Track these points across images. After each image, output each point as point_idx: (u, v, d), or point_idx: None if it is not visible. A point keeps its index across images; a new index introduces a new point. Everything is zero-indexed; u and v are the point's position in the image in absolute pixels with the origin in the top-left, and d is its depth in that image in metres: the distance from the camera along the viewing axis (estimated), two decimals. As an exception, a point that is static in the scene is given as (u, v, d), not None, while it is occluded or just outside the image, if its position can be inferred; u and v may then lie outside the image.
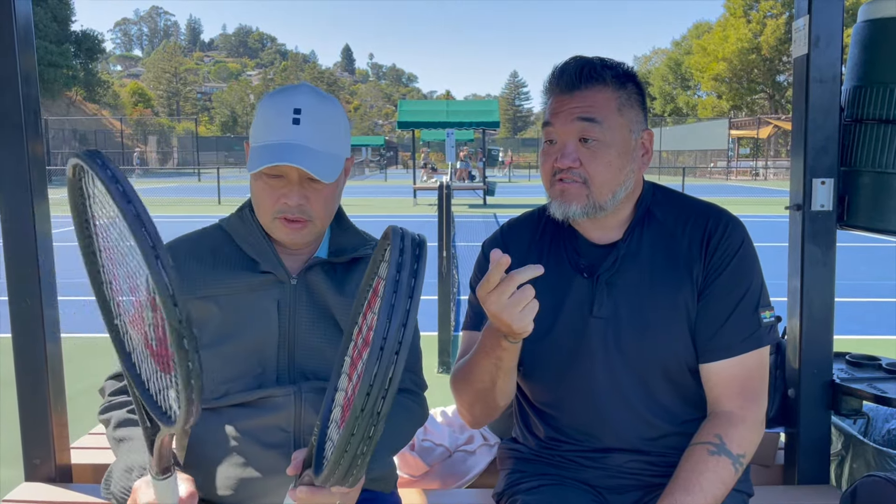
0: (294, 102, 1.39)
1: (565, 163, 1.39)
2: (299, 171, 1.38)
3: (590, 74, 1.39)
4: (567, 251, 1.50)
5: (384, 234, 1.01)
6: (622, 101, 1.40)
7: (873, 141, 1.90)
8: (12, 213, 1.90)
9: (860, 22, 1.96)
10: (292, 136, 1.37)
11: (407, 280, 0.88)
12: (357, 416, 0.84)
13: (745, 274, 1.42)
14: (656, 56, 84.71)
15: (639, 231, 1.47)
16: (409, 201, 21.01)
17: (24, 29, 1.87)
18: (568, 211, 1.41)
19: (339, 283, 1.51)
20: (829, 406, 1.98)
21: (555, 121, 1.41)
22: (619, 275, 1.44)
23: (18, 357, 1.93)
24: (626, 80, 1.42)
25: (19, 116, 1.86)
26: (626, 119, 1.41)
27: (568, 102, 1.39)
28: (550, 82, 1.45)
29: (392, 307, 0.85)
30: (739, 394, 1.40)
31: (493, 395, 1.43)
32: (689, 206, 1.50)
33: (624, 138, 1.40)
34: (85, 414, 3.54)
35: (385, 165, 55.24)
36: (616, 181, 1.40)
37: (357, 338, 1.09)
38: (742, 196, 23.84)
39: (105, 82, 67.34)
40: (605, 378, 1.44)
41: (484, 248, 1.59)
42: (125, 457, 1.38)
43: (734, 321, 1.40)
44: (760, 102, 54.23)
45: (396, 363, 0.84)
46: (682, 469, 1.34)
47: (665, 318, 1.42)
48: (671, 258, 1.44)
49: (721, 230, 1.43)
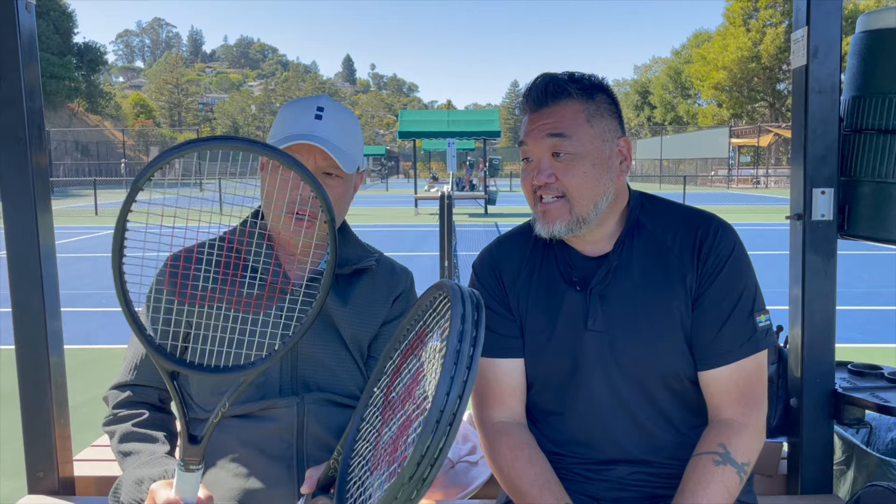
0: (318, 103, 1.47)
1: (541, 179, 1.41)
2: (315, 163, 1.42)
3: (555, 90, 1.41)
4: (560, 265, 1.50)
5: (438, 287, 0.99)
6: (591, 113, 1.41)
7: (873, 151, 1.91)
8: (16, 225, 1.91)
9: (858, 32, 1.97)
10: (314, 128, 1.43)
11: (468, 351, 0.86)
12: (404, 483, 0.84)
13: (739, 279, 1.42)
14: (656, 65, 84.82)
15: (629, 242, 1.47)
16: (411, 211, 21.03)
17: (28, 43, 1.89)
18: (553, 230, 1.42)
19: (342, 295, 1.51)
20: (831, 415, 1.97)
21: (528, 139, 1.43)
22: (612, 287, 1.44)
23: (22, 369, 1.94)
24: (593, 91, 1.43)
25: (23, 130, 1.87)
26: (598, 129, 1.41)
27: (538, 120, 1.42)
28: (522, 102, 1.47)
29: (452, 380, 0.84)
30: (739, 400, 1.39)
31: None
32: (678, 214, 1.50)
33: (597, 148, 1.41)
34: (88, 426, 3.55)
35: (386, 175, 55.34)
36: (595, 191, 1.41)
37: (394, 378, 1.09)
38: (743, 204, 23.84)
39: (107, 94, 67.63)
40: (605, 390, 1.44)
41: (475, 268, 1.59)
42: (135, 470, 1.39)
43: (730, 327, 1.40)
44: (761, 111, 54.31)
45: (449, 434, 0.83)
46: (688, 480, 1.34)
47: (660, 328, 1.42)
48: (663, 268, 1.44)
49: (712, 236, 1.43)
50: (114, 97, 75.77)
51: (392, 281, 1.59)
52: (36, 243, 1.91)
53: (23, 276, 1.91)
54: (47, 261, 1.94)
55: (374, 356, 1.56)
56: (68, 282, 9.07)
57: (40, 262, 1.91)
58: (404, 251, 11.75)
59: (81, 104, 59.30)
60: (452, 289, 0.93)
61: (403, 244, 13.10)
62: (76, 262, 11.00)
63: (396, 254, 4.47)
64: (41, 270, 1.92)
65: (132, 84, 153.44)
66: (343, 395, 1.49)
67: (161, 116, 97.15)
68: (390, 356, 1.13)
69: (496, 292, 1.53)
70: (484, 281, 1.55)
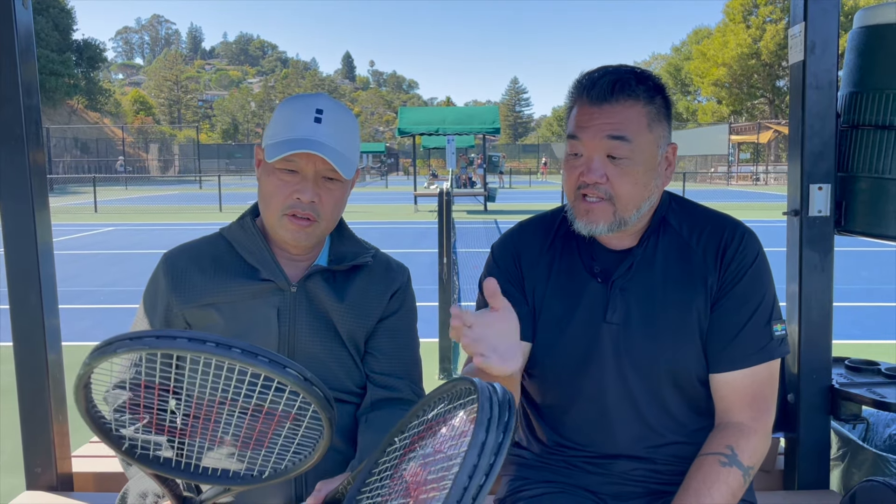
0: (316, 104, 1.44)
1: (592, 178, 1.35)
2: (315, 167, 1.41)
3: (622, 88, 1.33)
4: (582, 256, 1.49)
5: (468, 392, 0.91)
6: (652, 117, 1.36)
7: (870, 146, 1.91)
8: (13, 223, 1.91)
9: (856, 28, 1.97)
10: (314, 132, 1.41)
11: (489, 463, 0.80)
12: None
13: (759, 287, 1.41)
14: (656, 62, 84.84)
15: (654, 238, 1.46)
16: (410, 208, 21.03)
17: (25, 40, 1.89)
18: (594, 230, 1.39)
19: (338, 291, 1.52)
20: (828, 411, 1.98)
21: (582, 135, 1.36)
22: (633, 281, 1.44)
23: (20, 366, 1.94)
24: (655, 93, 1.37)
25: (21, 127, 1.87)
26: (655, 135, 1.37)
27: (597, 117, 1.34)
28: (578, 91, 1.39)
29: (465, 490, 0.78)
30: (750, 405, 1.39)
31: None
32: (704, 217, 1.49)
33: (651, 154, 1.37)
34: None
35: (386, 172, 55.28)
36: (641, 197, 1.38)
37: (405, 454, 1.04)
38: (742, 201, 23.83)
39: (106, 91, 67.51)
40: (615, 384, 1.44)
41: (493, 250, 1.58)
42: (140, 481, 1.40)
43: (747, 333, 1.39)
44: (760, 107, 54.29)
45: None
46: (692, 479, 1.34)
47: (677, 326, 1.41)
48: (685, 267, 1.43)
49: (737, 242, 1.42)
50: (113, 94, 75.71)
51: (388, 277, 1.59)
52: (33, 241, 1.91)
53: (21, 273, 1.92)
54: (45, 258, 1.94)
55: (371, 352, 1.56)
56: (68, 279, 9.07)
57: (38, 259, 1.92)
58: (403, 248, 11.74)
59: (81, 101, 59.22)
60: (481, 407, 0.85)
61: (403, 241, 13.10)
62: (76, 259, 11.00)
63: (396, 251, 4.47)
64: (39, 268, 1.92)
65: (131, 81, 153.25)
66: (339, 391, 1.49)
67: (160, 113, 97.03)
68: (403, 430, 1.08)
69: (513, 275, 1.51)
70: (501, 262, 1.54)
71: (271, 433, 1.03)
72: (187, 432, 1.11)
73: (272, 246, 1.52)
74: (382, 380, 1.54)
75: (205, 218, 17.90)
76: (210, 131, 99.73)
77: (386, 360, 1.56)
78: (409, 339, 1.61)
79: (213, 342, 0.90)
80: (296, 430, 1.02)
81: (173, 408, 1.11)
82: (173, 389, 1.01)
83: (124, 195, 30.77)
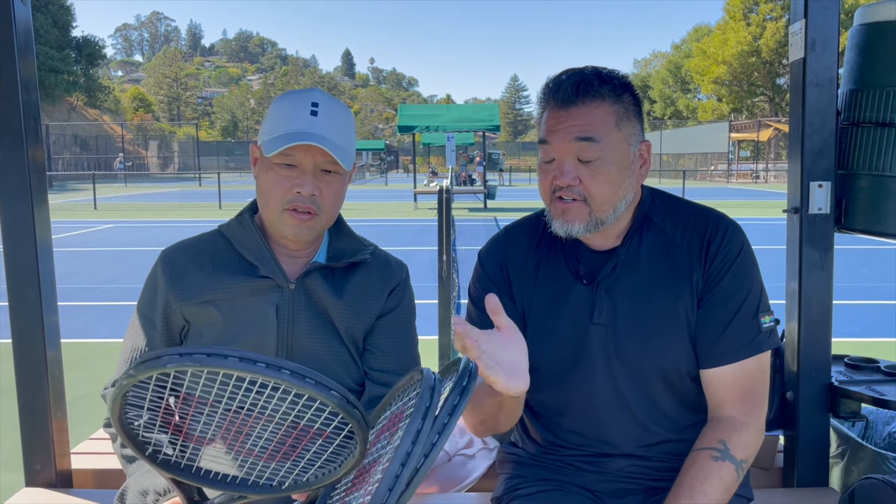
0: (311, 98, 1.44)
1: (564, 181, 1.36)
2: (314, 160, 1.41)
3: (587, 90, 1.34)
4: (567, 258, 1.49)
5: (419, 381, 0.99)
6: (620, 116, 1.36)
7: (870, 144, 1.91)
8: (12, 220, 1.90)
9: (856, 25, 1.97)
10: (310, 125, 1.40)
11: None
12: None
13: (745, 279, 1.42)
14: (656, 59, 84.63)
15: (637, 237, 1.46)
16: (410, 205, 21.03)
17: (24, 36, 1.88)
18: (571, 230, 1.39)
19: (337, 288, 1.52)
20: (827, 409, 1.98)
21: (551, 139, 1.37)
22: (619, 281, 1.44)
23: (19, 362, 1.94)
24: (622, 91, 1.37)
25: (19, 123, 1.87)
26: (625, 133, 1.37)
27: (564, 120, 1.35)
28: (545, 95, 1.40)
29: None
30: (741, 399, 1.39)
31: (498, 423, 1.42)
32: (687, 212, 1.49)
33: (623, 153, 1.37)
34: (85, 419, 3.55)
35: (386, 170, 55.24)
36: (616, 196, 1.38)
37: (368, 449, 1.08)
38: (742, 199, 23.83)
39: (106, 87, 67.44)
40: (606, 384, 1.44)
41: (480, 256, 1.58)
42: (140, 479, 1.40)
43: (735, 327, 1.40)
44: (761, 105, 54.25)
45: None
46: (685, 475, 1.34)
47: (664, 324, 1.41)
48: (670, 264, 1.44)
49: (720, 235, 1.42)
50: (112, 91, 75.66)
51: (387, 274, 1.59)
52: (32, 238, 1.91)
53: (19, 270, 1.91)
54: (44, 255, 1.94)
55: (369, 349, 1.56)
56: (67, 276, 9.07)
57: (37, 256, 1.91)
58: (403, 246, 11.75)
59: (80, 98, 59.14)
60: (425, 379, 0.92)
61: (402, 239, 13.10)
62: (75, 256, 11.00)
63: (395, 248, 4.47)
64: (38, 265, 1.92)
65: (131, 78, 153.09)
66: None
67: (160, 110, 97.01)
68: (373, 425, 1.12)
69: (500, 282, 1.52)
70: (489, 270, 1.54)
71: (301, 448, 1.04)
72: (216, 443, 1.11)
73: (271, 243, 1.52)
74: (381, 377, 1.54)
75: (204, 215, 17.89)
76: (209, 128, 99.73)
77: (384, 357, 1.56)
78: (407, 336, 1.61)
79: (263, 363, 0.91)
80: (327, 446, 1.03)
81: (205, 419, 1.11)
82: (211, 402, 1.00)
83: (124, 192, 30.75)
